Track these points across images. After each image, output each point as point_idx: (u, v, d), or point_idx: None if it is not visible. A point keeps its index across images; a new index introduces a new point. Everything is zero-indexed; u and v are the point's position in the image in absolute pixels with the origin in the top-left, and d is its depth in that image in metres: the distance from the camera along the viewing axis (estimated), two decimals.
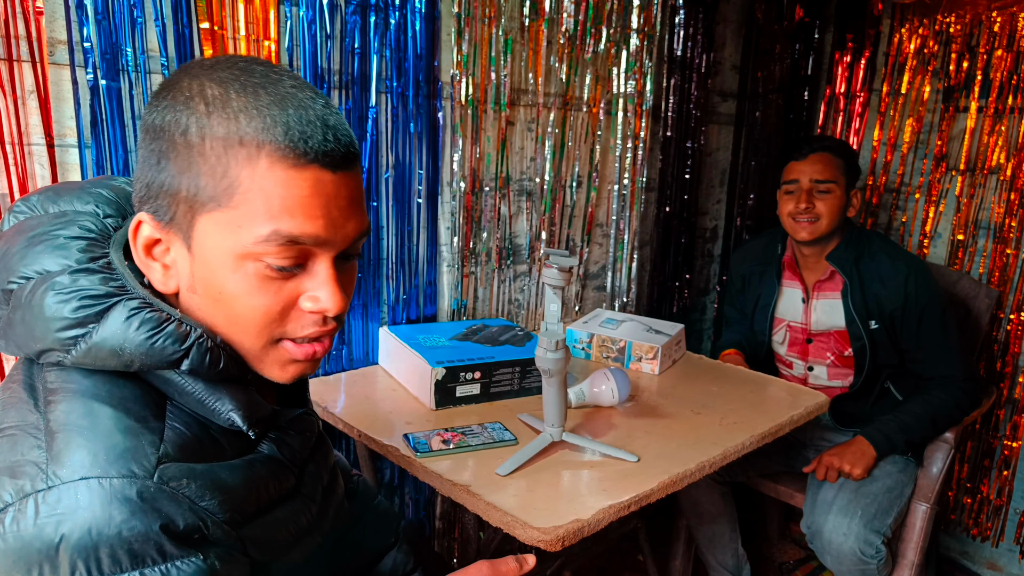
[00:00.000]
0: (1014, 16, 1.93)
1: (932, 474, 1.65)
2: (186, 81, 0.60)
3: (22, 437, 0.56)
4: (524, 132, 1.71)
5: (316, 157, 0.59)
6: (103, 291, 0.59)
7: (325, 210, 0.60)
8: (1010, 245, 1.99)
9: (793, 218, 1.71)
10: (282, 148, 0.58)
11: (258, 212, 0.58)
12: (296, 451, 0.71)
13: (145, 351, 0.59)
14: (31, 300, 0.59)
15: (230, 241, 0.59)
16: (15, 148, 1.09)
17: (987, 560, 2.18)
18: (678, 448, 1.21)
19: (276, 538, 0.66)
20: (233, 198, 0.58)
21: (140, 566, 0.53)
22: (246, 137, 0.58)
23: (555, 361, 1.09)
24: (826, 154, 1.70)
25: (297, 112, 0.59)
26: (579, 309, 1.98)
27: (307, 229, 0.60)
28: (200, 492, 0.57)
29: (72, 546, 0.51)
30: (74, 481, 0.53)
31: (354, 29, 1.38)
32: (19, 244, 0.62)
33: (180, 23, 1.19)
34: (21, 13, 1.05)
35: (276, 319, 0.63)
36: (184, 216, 0.60)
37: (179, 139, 0.59)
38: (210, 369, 0.61)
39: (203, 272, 0.61)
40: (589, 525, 0.97)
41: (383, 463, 1.62)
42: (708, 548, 1.92)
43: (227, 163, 0.58)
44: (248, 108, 0.58)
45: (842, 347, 1.76)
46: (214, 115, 0.58)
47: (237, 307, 0.61)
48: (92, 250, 0.62)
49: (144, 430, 0.57)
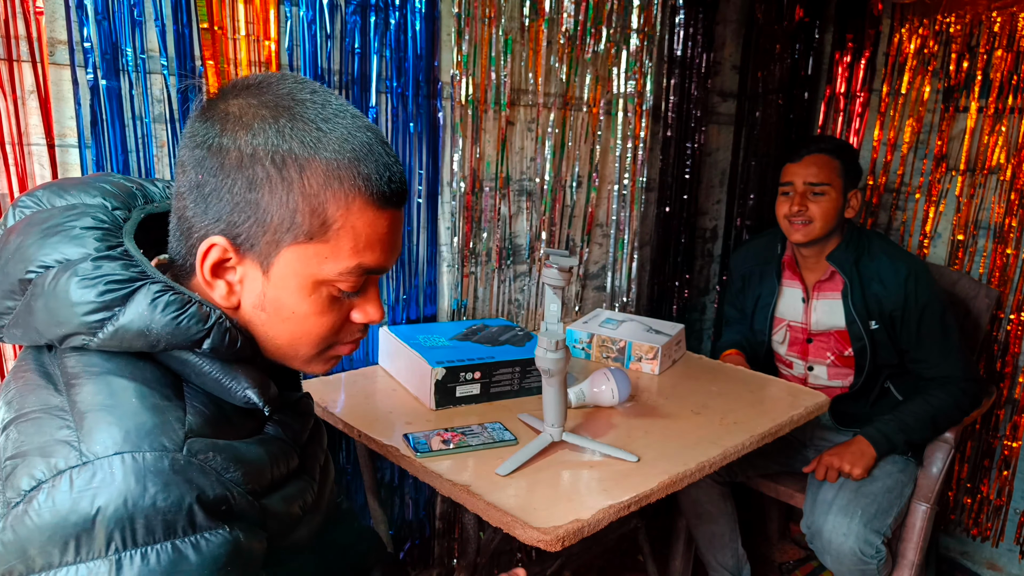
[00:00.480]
0: (1014, 16, 1.93)
1: (932, 474, 1.65)
2: (264, 110, 0.63)
3: (47, 419, 0.58)
4: (524, 132, 1.71)
5: (393, 200, 0.67)
6: (126, 276, 0.62)
7: (394, 243, 0.69)
8: (1010, 245, 1.99)
9: (788, 220, 1.72)
10: (372, 193, 0.65)
11: (346, 248, 0.65)
12: (297, 432, 0.75)
13: (171, 331, 0.62)
14: (55, 287, 0.61)
15: (313, 269, 0.65)
16: (14, 148, 1.09)
17: (987, 560, 2.18)
18: (678, 448, 1.21)
19: (290, 513, 0.69)
20: (326, 234, 0.64)
21: (172, 536, 0.55)
22: (343, 179, 0.64)
23: (555, 361, 1.09)
24: (822, 156, 1.70)
25: (379, 160, 0.66)
26: (579, 309, 1.98)
27: (381, 261, 0.68)
28: (225, 464, 0.60)
29: (109, 517, 0.53)
30: (108, 456, 0.55)
31: (354, 29, 1.38)
32: (33, 235, 0.64)
33: (180, 23, 1.19)
34: (21, 13, 1.05)
35: (335, 332, 0.70)
36: (269, 244, 0.64)
37: (274, 173, 0.62)
38: (228, 348, 0.65)
39: (277, 293, 0.66)
40: (589, 525, 0.97)
41: (383, 463, 1.62)
42: (708, 548, 1.92)
43: (325, 203, 0.63)
44: (340, 151, 0.64)
45: (842, 347, 1.76)
46: (315, 155, 0.63)
47: (307, 324, 0.68)
48: (107, 239, 0.64)
49: (169, 406, 0.60)
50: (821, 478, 1.63)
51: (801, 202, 1.68)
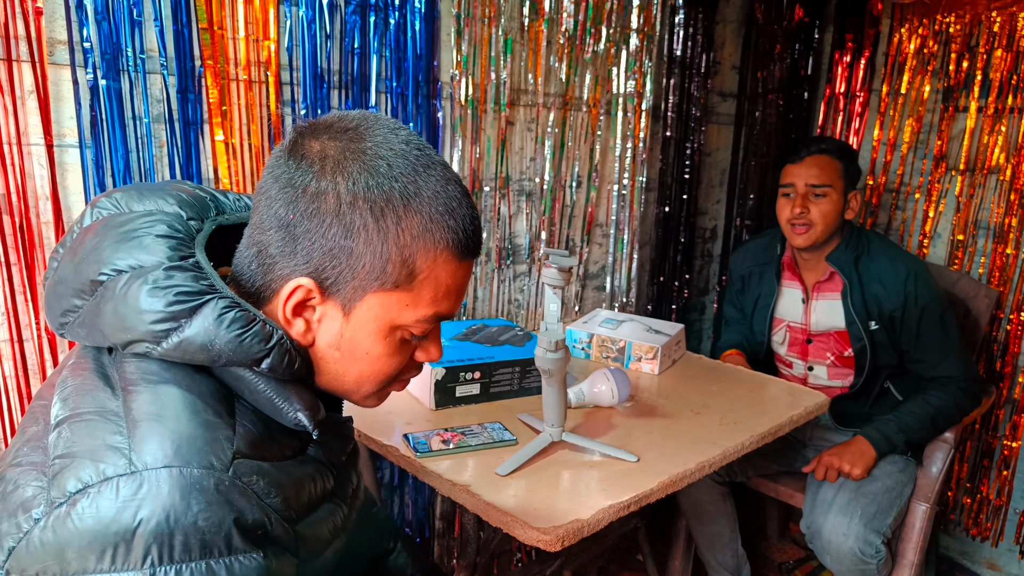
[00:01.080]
0: (1014, 16, 1.93)
1: (932, 474, 1.65)
2: (362, 157, 0.63)
3: (101, 423, 0.58)
4: (524, 132, 1.71)
5: (473, 253, 0.70)
6: (196, 288, 0.62)
7: (465, 292, 0.74)
8: (1010, 245, 1.99)
9: (790, 224, 1.71)
10: (456, 248, 0.67)
11: (427, 297, 0.67)
12: (336, 454, 0.75)
13: (234, 348, 0.62)
14: (125, 293, 0.61)
15: (394, 315, 0.67)
16: (11, 148, 1.09)
17: (987, 560, 2.18)
18: (678, 448, 1.21)
19: (319, 536, 0.69)
20: (411, 284, 0.66)
21: (208, 556, 0.55)
22: (434, 234, 0.65)
23: (555, 361, 1.09)
24: (823, 156, 1.69)
25: (463, 216, 0.67)
26: (579, 309, 1.98)
27: (454, 309, 0.71)
28: (267, 489, 0.60)
29: (150, 531, 0.53)
30: (157, 468, 0.55)
31: (354, 29, 1.38)
32: (110, 238, 0.65)
33: (180, 23, 1.19)
34: (21, 13, 1.05)
35: (400, 372, 0.72)
36: (355, 290, 0.65)
37: (371, 222, 0.63)
38: (287, 369, 0.65)
39: (353, 334, 0.67)
40: (589, 525, 0.97)
41: (383, 463, 1.62)
42: (708, 548, 1.92)
43: (414, 255, 0.65)
44: (434, 209, 0.65)
45: (842, 347, 1.76)
46: (410, 208, 0.64)
47: (378, 365, 0.70)
48: (180, 249, 0.65)
49: (221, 424, 0.60)
50: (821, 478, 1.63)
51: (803, 204, 1.67)
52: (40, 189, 1.12)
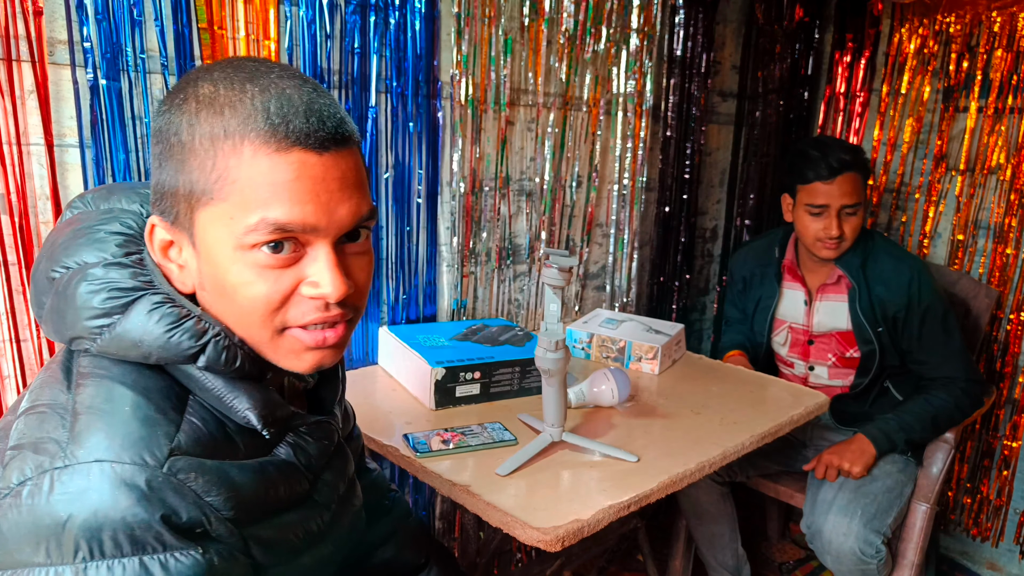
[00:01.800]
0: (1014, 16, 1.93)
1: (932, 474, 1.65)
2: (185, 84, 0.62)
3: (50, 415, 0.59)
4: (524, 132, 1.71)
5: (298, 139, 0.59)
6: (130, 285, 0.62)
7: (312, 194, 0.60)
8: (1010, 245, 1.99)
9: (820, 241, 1.67)
10: (263, 134, 0.58)
11: (247, 201, 0.59)
12: (313, 457, 0.72)
13: (162, 344, 0.61)
14: (66, 289, 0.62)
15: (225, 233, 0.60)
16: (11, 148, 1.09)
17: (987, 560, 2.18)
18: (678, 448, 1.21)
19: (284, 541, 0.67)
20: (223, 190, 0.59)
21: (140, 552, 0.54)
22: (230, 128, 0.58)
23: (555, 361, 1.09)
24: (852, 174, 1.63)
25: (279, 99, 0.59)
26: (579, 309, 1.98)
27: (295, 215, 0.59)
28: (207, 487, 0.58)
29: (78, 526, 0.53)
30: (88, 463, 0.55)
31: (354, 29, 1.38)
32: (66, 236, 0.66)
33: (180, 23, 1.19)
34: (21, 13, 1.05)
35: (277, 307, 0.62)
36: (185, 214, 0.62)
37: (174, 139, 0.61)
38: (226, 366, 0.63)
39: (208, 267, 0.62)
40: (589, 525, 0.97)
41: (383, 463, 1.62)
42: (708, 548, 1.92)
43: (215, 156, 0.59)
44: (233, 101, 0.59)
45: (844, 348, 1.76)
46: (202, 112, 0.59)
47: (239, 298, 0.62)
48: (128, 246, 0.65)
49: (162, 420, 0.59)
50: (821, 477, 1.63)
51: (839, 225, 1.64)
52: (40, 189, 1.12)
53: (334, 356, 0.67)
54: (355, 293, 0.65)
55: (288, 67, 0.64)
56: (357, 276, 0.66)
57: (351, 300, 0.65)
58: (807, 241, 1.71)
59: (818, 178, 1.64)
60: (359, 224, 0.64)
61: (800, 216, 1.71)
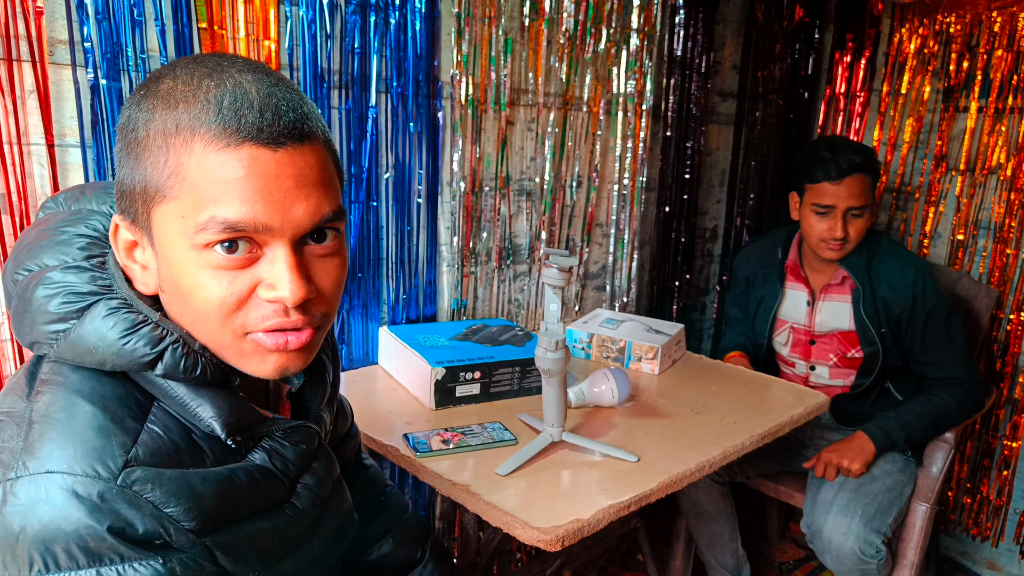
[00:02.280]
0: (1014, 16, 1.93)
1: (932, 474, 1.65)
2: (148, 80, 0.61)
3: (7, 424, 0.57)
4: (524, 132, 1.71)
5: (249, 134, 0.56)
6: (87, 289, 0.60)
7: (265, 192, 0.56)
8: (1010, 245, 1.99)
9: (824, 241, 1.67)
10: (214, 129, 0.55)
11: (197, 199, 0.56)
12: (290, 462, 0.69)
13: (116, 351, 0.58)
14: (25, 292, 0.61)
15: (179, 232, 0.57)
16: (11, 148, 1.09)
17: (987, 560, 2.18)
18: (678, 448, 1.21)
19: (257, 548, 0.64)
20: (175, 187, 0.57)
21: (97, 564, 0.53)
22: (182, 124, 0.56)
23: (555, 361, 1.09)
24: (860, 176, 1.63)
25: (233, 93, 0.56)
26: (579, 309, 1.98)
27: (245, 214, 0.56)
28: (165, 498, 0.56)
29: (30, 539, 0.52)
30: (40, 474, 0.53)
31: (354, 29, 1.38)
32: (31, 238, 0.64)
33: (180, 23, 1.19)
34: (21, 13, 1.05)
35: (233, 309, 0.59)
36: (142, 213, 0.59)
37: (131, 136, 0.59)
38: (186, 374, 0.60)
39: (165, 268, 0.60)
40: (589, 525, 0.97)
41: (383, 463, 1.62)
42: (708, 548, 1.92)
43: (167, 152, 0.57)
44: (187, 96, 0.57)
45: (846, 348, 1.76)
46: (158, 108, 0.57)
47: (194, 300, 0.59)
48: (91, 248, 0.63)
49: (118, 430, 0.57)
50: (820, 475, 1.63)
51: (843, 227, 1.64)
52: (40, 189, 1.12)
53: (301, 361, 0.63)
54: (319, 297, 0.62)
55: (254, 62, 0.61)
56: (322, 280, 0.62)
57: (315, 306, 0.62)
58: (812, 241, 1.71)
59: (826, 178, 1.64)
60: (322, 225, 0.60)
61: (806, 215, 1.71)
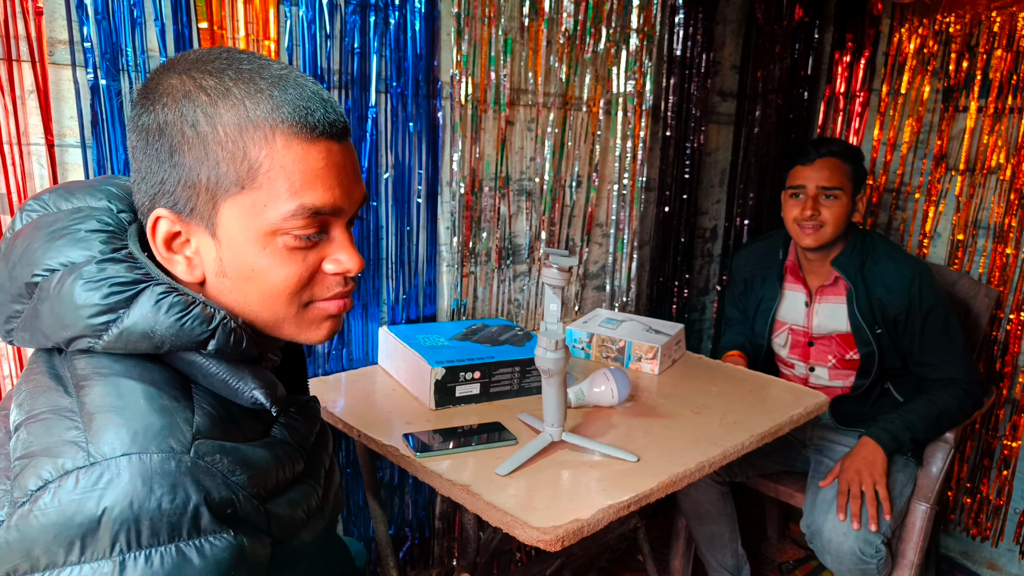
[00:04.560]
0: (1014, 16, 1.93)
1: (932, 474, 1.65)
2: (174, 78, 0.62)
3: (56, 420, 0.58)
4: (524, 132, 1.71)
5: (324, 130, 0.64)
6: (131, 278, 0.62)
7: (339, 179, 0.65)
8: (1010, 245, 1.99)
9: (798, 224, 1.70)
10: (294, 125, 0.62)
11: (281, 189, 0.62)
12: (304, 436, 0.74)
13: (175, 332, 0.62)
14: (60, 290, 0.62)
15: (257, 221, 0.63)
16: (11, 148, 1.09)
17: (987, 560, 2.18)
18: (678, 448, 1.21)
19: (294, 517, 0.69)
20: (256, 179, 0.62)
21: (177, 539, 0.56)
22: (258, 119, 0.61)
23: (555, 361, 1.09)
24: (834, 159, 1.67)
25: (296, 91, 0.63)
26: (579, 309, 1.98)
27: (327, 199, 0.64)
28: (231, 467, 0.60)
29: (114, 518, 0.53)
30: (116, 457, 0.55)
31: (354, 29, 1.38)
32: (40, 239, 0.65)
33: (180, 23, 1.19)
34: (21, 13, 1.05)
35: (306, 285, 0.67)
36: (206, 205, 0.63)
37: (189, 131, 0.61)
38: (234, 349, 0.65)
39: (232, 255, 0.65)
40: (589, 525, 0.97)
41: (383, 463, 1.62)
42: (708, 548, 1.92)
43: (245, 146, 0.61)
44: (251, 93, 0.61)
45: (844, 350, 1.76)
46: (220, 103, 0.61)
47: (270, 280, 0.65)
48: (112, 242, 0.65)
49: (177, 408, 0.61)
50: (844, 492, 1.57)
51: (814, 206, 1.66)
52: (40, 189, 1.12)
53: (340, 324, 0.74)
54: None
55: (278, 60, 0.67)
56: None
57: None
58: (789, 228, 1.74)
59: (800, 162, 1.71)
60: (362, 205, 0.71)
61: (784, 203, 1.75)
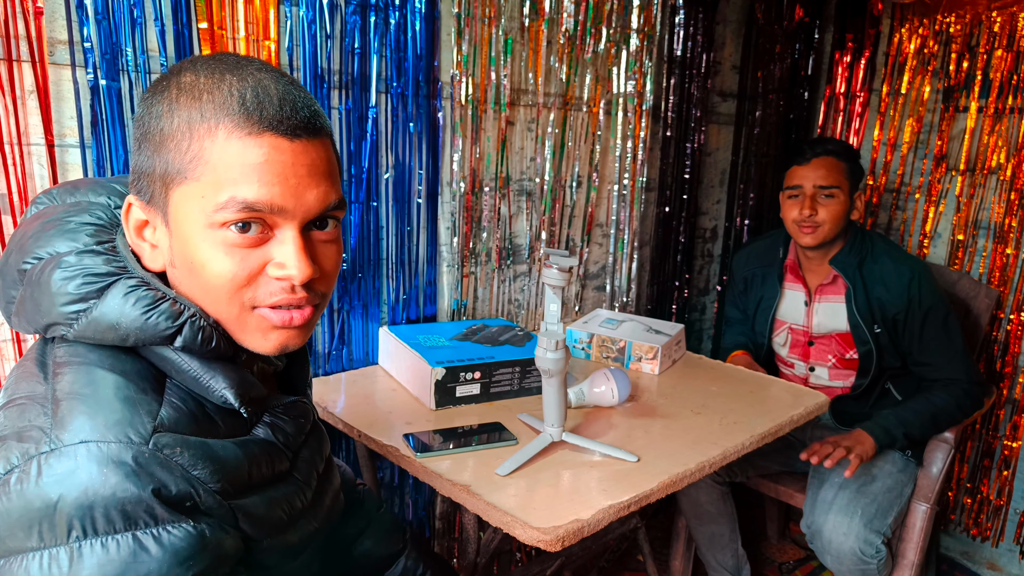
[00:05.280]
0: (1014, 16, 1.93)
1: (932, 474, 1.65)
2: (169, 74, 0.65)
3: (30, 406, 0.60)
4: (524, 132, 1.71)
5: (270, 124, 0.62)
6: (105, 270, 0.64)
7: (281, 177, 0.62)
8: (1010, 245, 1.99)
9: (797, 224, 1.70)
10: (238, 118, 0.61)
11: (218, 180, 0.61)
12: (290, 436, 0.74)
13: (140, 326, 0.63)
14: (40, 278, 0.64)
15: (196, 211, 0.62)
16: (11, 148, 1.09)
17: (987, 560, 2.18)
18: (678, 448, 1.21)
19: (270, 516, 0.68)
20: (196, 169, 0.62)
21: (133, 528, 0.56)
22: (206, 112, 0.61)
23: (555, 361, 1.09)
24: (830, 158, 1.68)
25: (255, 88, 0.62)
26: (579, 309, 1.98)
27: (262, 195, 0.62)
28: (192, 461, 0.60)
29: (69, 505, 0.54)
30: (74, 444, 0.56)
31: (354, 29, 1.38)
32: (35, 229, 0.68)
33: (180, 23, 1.19)
34: (21, 13, 1.05)
35: (243, 284, 0.64)
36: (160, 193, 0.64)
37: (152, 123, 0.63)
38: (202, 346, 0.65)
39: (179, 244, 0.65)
40: (589, 525, 0.97)
41: (383, 463, 1.62)
42: (708, 548, 1.92)
43: (191, 138, 0.62)
44: (211, 88, 0.62)
45: (844, 350, 1.76)
46: (182, 98, 0.62)
47: (206, 274, 0.64)
48: (99, 235, 0.67)
49: (143, 399, 0.61)
50: (817, 462, 1.56)
51: (811, 205, 1.67)
52: (40, 189, 1.12)
53: (300, 338, 0.69)
54: (321, 278, 0.68)
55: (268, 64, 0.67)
56: (324, 263, 0.68)
57: (317, 285, 0.68)
58: (789, 229, 1.75)
59: (797, 162, 1.72)
60: (326, 212, 0.66)
61: (783, 204, 1.76)
